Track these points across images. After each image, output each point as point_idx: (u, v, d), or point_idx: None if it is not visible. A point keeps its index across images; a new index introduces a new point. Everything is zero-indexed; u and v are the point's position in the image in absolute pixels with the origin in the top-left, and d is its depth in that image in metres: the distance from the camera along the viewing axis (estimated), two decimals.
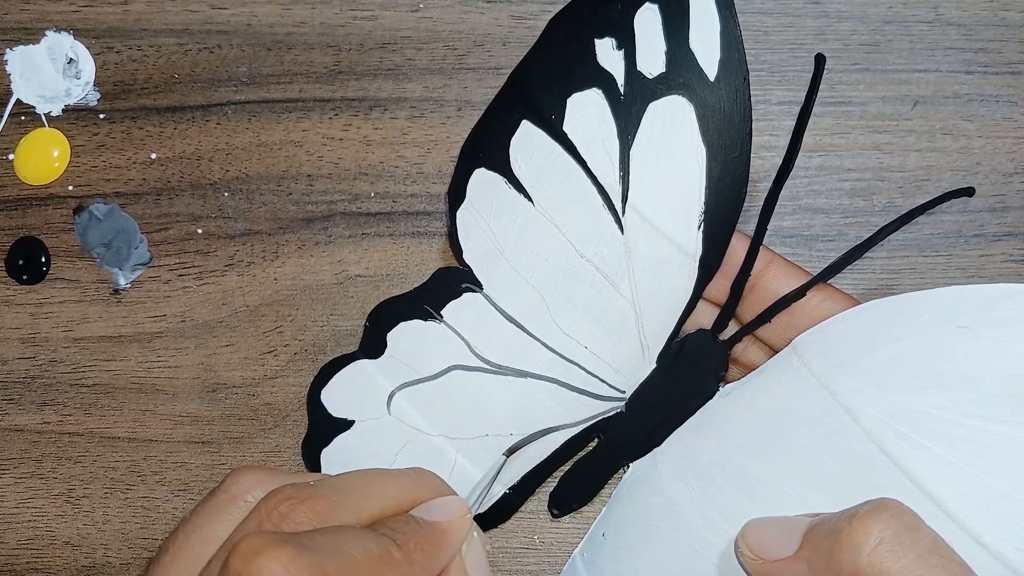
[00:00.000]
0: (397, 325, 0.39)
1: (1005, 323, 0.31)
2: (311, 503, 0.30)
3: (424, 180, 0.43)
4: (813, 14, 0.43)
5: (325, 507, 0.31)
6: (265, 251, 0.43)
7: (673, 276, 0.37)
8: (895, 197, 0.42)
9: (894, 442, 0.32)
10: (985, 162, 0.42)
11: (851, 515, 0.29)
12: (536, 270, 0.38)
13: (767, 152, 0.42)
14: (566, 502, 0.41)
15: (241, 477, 0.32)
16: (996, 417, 0.31)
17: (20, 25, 0.43)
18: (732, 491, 0.35)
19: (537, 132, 0.37)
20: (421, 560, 0.30)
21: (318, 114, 0.43)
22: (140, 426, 0.42)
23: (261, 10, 0.43)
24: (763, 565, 0.31)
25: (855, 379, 0.33)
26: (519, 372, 0.39)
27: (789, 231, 0.42)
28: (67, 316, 0.43)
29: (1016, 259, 0.42)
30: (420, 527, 0.31)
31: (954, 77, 0.43)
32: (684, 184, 0.36)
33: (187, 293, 0.43)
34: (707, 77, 0.35)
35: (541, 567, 0.41)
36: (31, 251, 0.43)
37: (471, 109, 0.43)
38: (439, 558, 0.31)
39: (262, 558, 0.27)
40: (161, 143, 0.43)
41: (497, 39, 0.43)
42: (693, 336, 0.38)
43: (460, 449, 0.39)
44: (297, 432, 0.42)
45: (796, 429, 0.34)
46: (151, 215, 0.43)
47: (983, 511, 0.31)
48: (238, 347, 0.42)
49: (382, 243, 0.43)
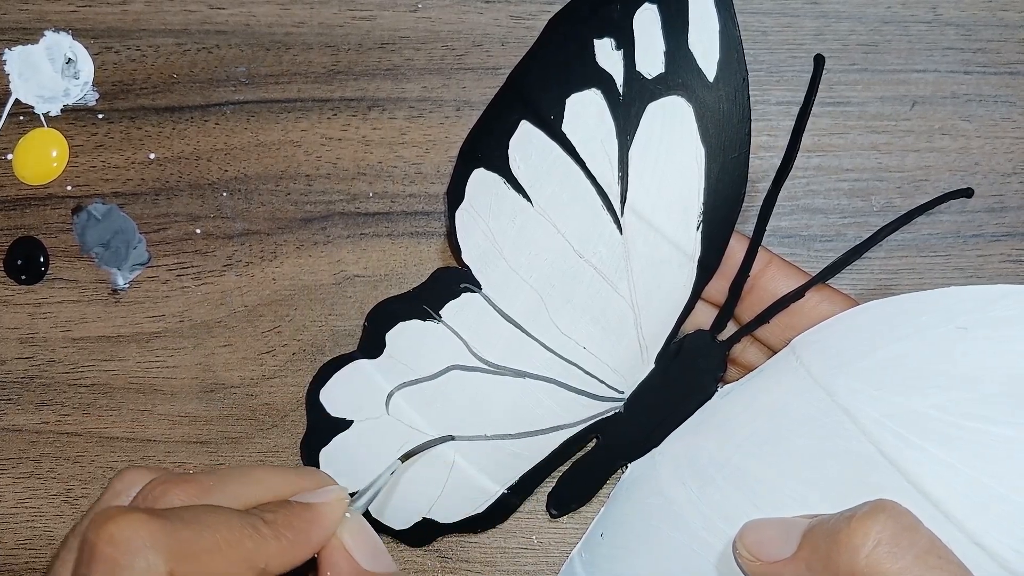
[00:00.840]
0: (396, 325, 0.39)
1: (1004, 323, 0.31)
2: (184, 487, 0.31)
3: (422, 180, 0.43)
4: (812, 14, 0.43)
5: (197, 490, 0.31)
6: (263, 251, 0.43)
7: (672, 276, 0.37)
8: (893, 197, 0.42)
9: (892, 443, 0.32)
10: (983, 162, 0.42)
11: (849, 516, 0.29)
12: (535, 270, 0.38)
13: (766, 152, 0.42)
14: (565, 502, 0.41)
15: (127, 475, 0.32)
16: (995, 418, 0.31)
17: (19, 25, 0.43)
18: (731, 491, 0.35)
19: (536, 132, 0.37)
20: (290, 536, 0.31)
21: (316, 114, 0.43)
22: (138, 426, 0.42)
23: (259, 10, 0.43)
24: (761, 566, 0.31)
25: (854, 379, 0.33)
26: (518, 372, 0.39)
27: (788, 231, 0.42)
28: (65, 316, 0.43)
29: (1015, 259, 0.42)
30: (292, 507, 0.32)
31: (952, 77, 0.43)
32: (683, 184, 0.36)
33: (185, 293, 0.43)
34: (706, 77, 0.35)
35: (539, 567, 0.41)
36: (30, 251, 0.43)
37: (470, 109, 0.43)
38: (310, 536, 0.31)
39: (112, 524, 0.28)
40: (160, 143, 0.43)
41: (495, 39, 0.43)
42: (692, 337, 0.38)
43: (458, 449, 0.39)
44: (295, 432, 0.42)
45: (795, 430, 0.34)
46: (149, 215, 0.43)
47: (982, 512, 0.31)
48: (236, 347, 0.42)
49: (380, 243, 0.43)
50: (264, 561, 0.30)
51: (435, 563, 0.41)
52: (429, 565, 0.41)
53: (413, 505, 0.40)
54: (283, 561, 0.31)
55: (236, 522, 0.30)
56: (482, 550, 0.41)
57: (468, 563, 0.41)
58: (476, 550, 0.41)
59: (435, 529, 0.40)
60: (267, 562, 0.30)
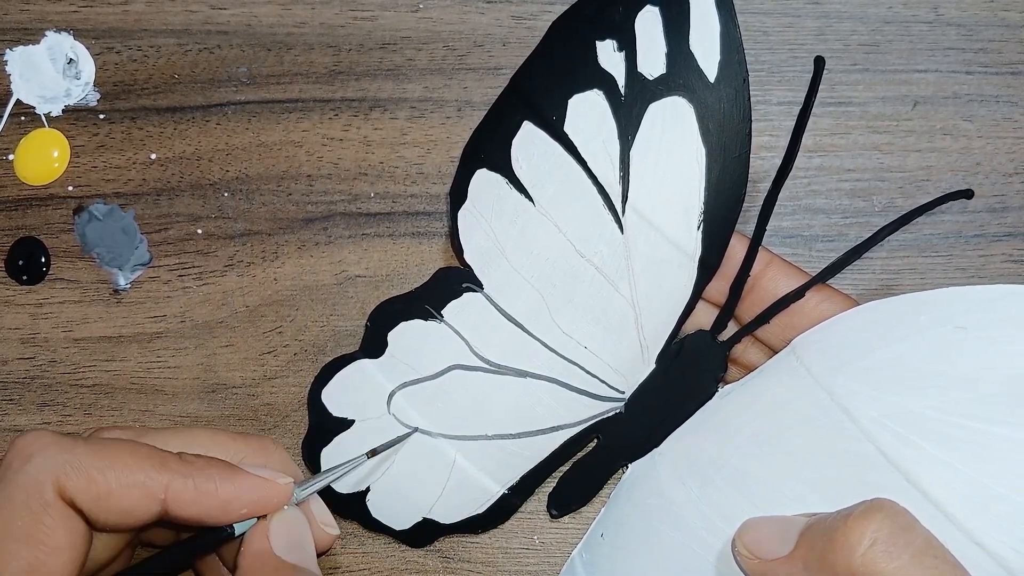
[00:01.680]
0: (398, 325, 0.39)
1: (1004, 324, 0.31)
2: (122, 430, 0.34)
3: (424, 180, 0.43)
4: (813, 14, 0.43)
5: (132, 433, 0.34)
6: (265, 251, 0.43)
7: (672, 276, 0.37)
8: (895, 197, 0.42)
9: (892, 443, 0.32)
10: (985, 162, 0.42)
11: (845, 515, 0.29)
12: (536, 270, 0.38)
13: (767, 152, 0.42)
14: (565, 502, 0.41)
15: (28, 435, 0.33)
16: (995, 418, 0.31)
17: (20, 25, 0.43)
18: (730, 491, 0.35)
19: (539, 133, 0.37)
20: (199, 481, 0.32)
21: (318, 114, 0.43)
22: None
23: (261, 10, 0.43)
24: (759, 564, 0.31)
25: (853, 380, 0.33)
26: (519, 372, 0.39)
27: (789, 231, 0.42)
28: (67, 316, 0.43)
29: (1016, 259, 0.42)
30: (218, 462, 0.33)
31: (954, 77, 0.43)
32: (684, 184, 0.36)
33: (187, 293, 0.43)
34: (707, 78, 0.35)
35: (540, 567, 0.41)
36: (31, 251, 0.43)
37: (471, 109, 0.43)
38: (218, 492, 0.32)
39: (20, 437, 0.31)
40: (161, 143, 0.43)
41: (497, 39, 0.43)
42: (692, 337, 0.38)
43: (460, 449, 0.39)
44: (297, 432, 0.42)
45: (794, 429, 0.34)
46: (151, 215, 0.43)
47: (981, 512, 0.31)
48: (238, 347, 0.42)
49: (382, 243, 0.43)
50: (163, 492, 0.31)
51: (436, 563, 0.41)
52: (430, 565, 0.41)
53: (414, 505, 0.40)
54: (186, 502, 0.32)
55: (144, 451, 0.31)
56: (483, 550, 0.41)
57: (469, 563, 0.41)
58: (477, 550, 0.41)
59: (436, 529, 0.40)
60: (167, 494, 0.31)
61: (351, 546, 0.41)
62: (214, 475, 0.32)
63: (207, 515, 0.32)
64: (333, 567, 0.41)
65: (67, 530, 0.30)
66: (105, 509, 0.31)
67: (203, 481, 0.32)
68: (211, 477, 0.32)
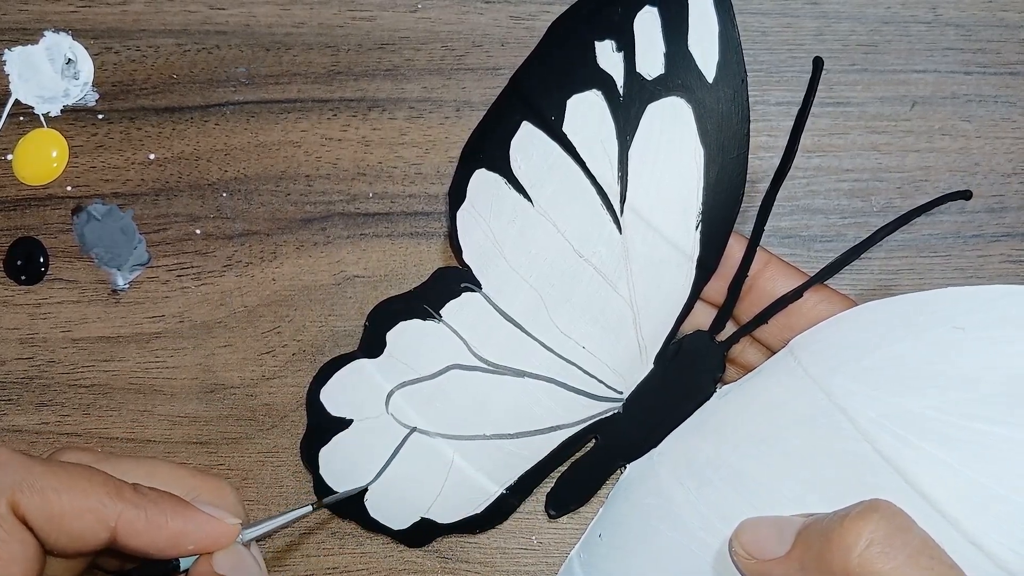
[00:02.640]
0: (396, 325, 0.39)
1: (1004, 324, 0.31)
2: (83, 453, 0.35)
3: (422, 180, 0.43)
4: (811, 15, 0.43)
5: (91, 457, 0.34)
6: (263, 251, 0.43)
7: (671, 276, 0.37)
8: (893, 198, 0.42)
9: (890, 443, 0.32)
10: (984, 163, 0.42)
11: (842, 516, 0.29)
12: (535, 270, 0.38)
13: (765, 152, 0.42)
14: (563, 503, 0.41)
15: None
16: (994, 418, 0.31)
17: (18, 25, 0.43)
18: (728, 492, 0.35)
19: (537, 133, 0.37)
20: (151, 513, 0.32)
21: (316, 114, 0.43)
22: (138, 427, 0.42)
23: (259, 10, 0.43)
24: (756, 564, 0.31)
25: (851, 380, 0.33)
26: (517, 372, 0.39)
27: (787, 232, 0.42)
28: (65, 316, 0.43)
29: (1014, 259, 0.42)
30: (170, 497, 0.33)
31: (952, 78, 0.43)
32: (682, 184, 0.36)
33: (185, 294, 0.43)
34: (705, 79, 0.35)
35: (539, 568, 0.41)
36: (29, 251, 0.43)
37: (469, 110, 0.43)
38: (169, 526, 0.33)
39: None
40: (159, 143, 0.43)
41: (495, 39, 0.43)
42: (690, 337, 0.38)
43: (458, 449, 0.39)
44: (295, 432, 0.42)
45: (792, 430, 0.34)
46: (149, 215, 0.43)
47: (980, 512, 0.31)
48: (236, 348, 0.42)
49: (380, 243, 0.43)
50: (115, 519, 0.32)
51: (435, 563, 0.41)
52: (429, 566, 0.41)
53: (412, 505, 0.40)
54: (136, 532, 0.32)
55: (100, 477, 0.32)
56: (481, 551, 0.41)
57: (468, 563, 0.41)
58: (475, 551, 0.41)
59: (434, 529, 0.40)
60: (119, 523, 0.32)
61: (349, 546, 0.41)
62: (166, 508, 0.33)
63: (155, 547, 0.33)
64: (332, 567, 0.41)
65: (22, 544, 0.31)
66: (56, 530, 0.31)
67: (155, 513, 0.32)
68: (163, 510, 0.33)
